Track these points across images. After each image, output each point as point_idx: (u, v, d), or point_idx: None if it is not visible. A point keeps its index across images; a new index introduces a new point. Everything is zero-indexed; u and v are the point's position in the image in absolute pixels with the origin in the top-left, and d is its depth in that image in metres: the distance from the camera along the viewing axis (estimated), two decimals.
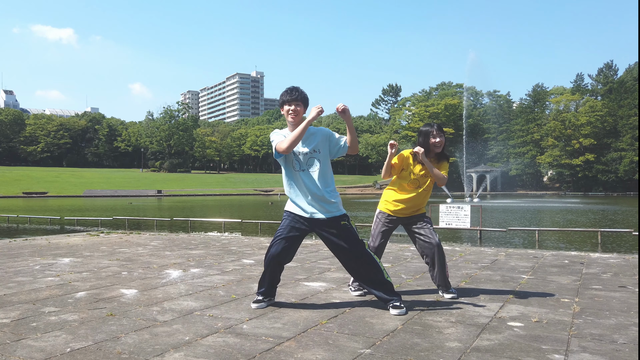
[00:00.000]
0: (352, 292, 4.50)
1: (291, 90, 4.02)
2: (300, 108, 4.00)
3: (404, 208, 4.36)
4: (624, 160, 73.68)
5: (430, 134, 4.27)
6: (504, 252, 7.62)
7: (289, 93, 4.01)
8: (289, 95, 4.00)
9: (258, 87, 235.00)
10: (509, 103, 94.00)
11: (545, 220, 21.08)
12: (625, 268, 6.03)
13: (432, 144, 4.27)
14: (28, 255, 7.23)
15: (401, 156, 4.33)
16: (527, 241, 12.93)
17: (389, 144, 4.13)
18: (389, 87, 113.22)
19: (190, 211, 28.31)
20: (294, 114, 3.97)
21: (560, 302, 4.18)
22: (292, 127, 3.98)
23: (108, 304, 4.12)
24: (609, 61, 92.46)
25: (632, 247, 11.30)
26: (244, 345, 3.04)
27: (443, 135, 4.30)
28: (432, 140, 4.27)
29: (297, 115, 3.98)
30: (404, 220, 4.41)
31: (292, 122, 3.98)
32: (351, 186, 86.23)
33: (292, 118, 3.98)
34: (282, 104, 4.07)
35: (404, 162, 4.32)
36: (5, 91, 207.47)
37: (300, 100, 4.00)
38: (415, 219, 4.38)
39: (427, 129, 4.31)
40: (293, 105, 3.98)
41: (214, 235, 10.99)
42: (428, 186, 4.35)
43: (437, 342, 3.09)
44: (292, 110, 3.97)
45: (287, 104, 4.00)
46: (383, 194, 4.54)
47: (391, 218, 4.39)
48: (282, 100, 4.04)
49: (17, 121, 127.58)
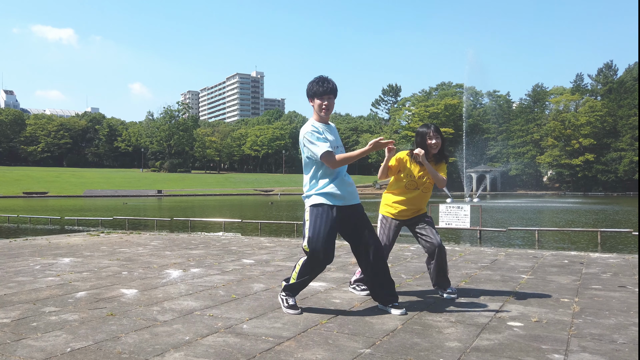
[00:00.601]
0: (357, 291, 4.51)
1: (323, 81, 3.68)
2: (333, 101, 3.74)
3: (404, 210, 4.35)
4: (624, 160, 73.70)
5: (427, 135, 4.26)
6: (504, 252, 7.62)
7: (320, 84, 3.67)
8: (321, 87, 3.66)
9: (258, 87, 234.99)
10: (508, 103, 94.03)
11: (545, 220, 21.08)
12: (625, 268, 6.04)
13: (428, 145, 4.26)
14: (28, 255, 7.23)
15: (398, 158, 4.31)
16: (527, 241, 12.93)
17: (387, 148, 3.96)
18: (389, 87, 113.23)
19: (191, 211, 28.31)
20: (326, 109, 3.70)
21: (560, 302, 4.18)
22: (322, 120, 3.76)
23: (108, 304, 4.12)
24: (609, 61, 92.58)
25: (632, 247, 11.30)
26: (244, 345, 3.05)
27: (440, 136, 4.29)
28: (429, 142, 4.26)
29: (329, 110, 3.72)
30: (406, 222, 4.41)
31: (323, 116, 3.74)
32: None
33: (325, 113, 3.71)
34: (312, 96, 3.72)
35: (400, 164, 4.30)
36: (6, 91, 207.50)
37: (332, 93, 3.71)
38: (417, 219, 4.39)
39: (424, 130, 4.29)
40: (326, 99, 3.69)
41: (214, 235, 10.99)
42: (427, 187, 4.34)
43: (437, 342, 3.09)
44: (326, 106, 3.70)
45: (318, 97, 3.69)
46: (383, 198, 4.53)
47: (394, 222, 4.39)
48: (314, 92, 3.69)
49: (17, 121, 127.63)
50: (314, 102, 3.74)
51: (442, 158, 4.36)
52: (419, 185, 4.30)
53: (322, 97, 3.69)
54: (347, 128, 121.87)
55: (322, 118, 3.76)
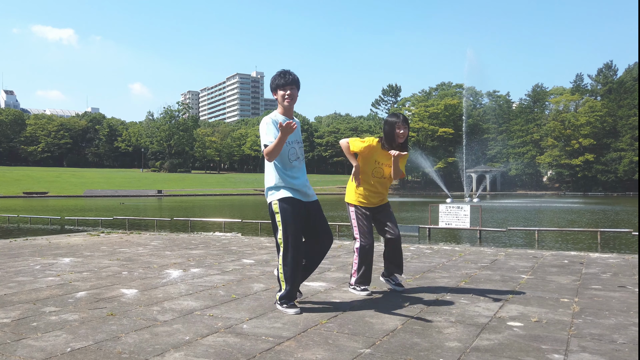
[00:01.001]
0: (357, 291, 4.52)
1: (285, 74, 3.87)
2: (295, 92, 3.89)
3: (373, 197, 4.46)
4: (624, 160, 73.71)
5: (396, 124, 4.37)
6: (504, 252, 7.62)
7: (282, 77, 3.86)
8: (283, 79, 3.85)
9: (258, 87, 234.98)
10: (508, 103, 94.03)
11: (545, 220, 21.08)
12: (624, 268, 6.04)
13: (396, 134, 4.37)
14: (28, 255, 7.23)
15: (370, 145, 4.37)
16: (526, 241, 12.93)
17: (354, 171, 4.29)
18: (389, 87, 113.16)
19: (191, 211, 28.31)
20: (289, 98, 3.86)
21: (559, 302, 4.18)
22: (286, 111, 3.91)
23: (108, 304, 4.12)
24: (609, 61, 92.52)
25: (632, 247, 11.31)
26: (244, 345, 3.05)
27: (407, 127, 4.42)
28: (397, 131, 4.36)
29: (292, 100, 3.88)
30: (373, 210, 4.51)
31: (287, 107, 3.89)
32: None
33: (288, 103, 3.87)
34: (275, 89, 3.90)
35: (372, 150, 4.38)
36: (6, 91, 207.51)
37: (294, 84, 3.87)
38: (381, 208, 4.53)
39: (393, 119, 4.40)
40: (288, 89, 3.86)
41: (214, 235, 10.99)
42: (389, 175, 4.48)
43: (437, 342, 3.09)
44: (289, 95, 3.86)
45: (281, 88, 3.86)
46: (349, 187, 4.56)
47: (365, 210, 4.46)
48: (276, 84, 3.88)
49: (17, 121, 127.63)
50: (277, 94, 3.91)
51: (404, 148, 4.46)
52: (385, 173, 4.45)
53: (284, 87, 3.85)
54: (347, 128, 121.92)
55: (286, 110, 3.92)
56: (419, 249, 8.02)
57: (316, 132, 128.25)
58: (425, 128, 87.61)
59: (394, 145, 4.38)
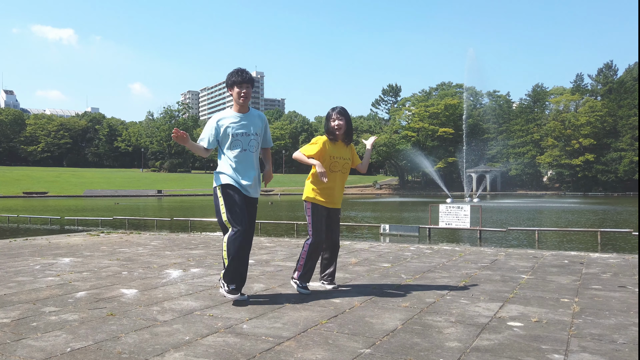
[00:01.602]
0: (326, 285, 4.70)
1: (241, 72, 4.00)
2: (250, 90, 4.03)
3: (331, 195, 4.48)
4: (624, 160, 73.68)
5: (331, 117, 4.45)
6: (504, 252, 7.62)
7: (240, 74, 3.98)
8: (240, 77, 3.97)
9: (258, 87, 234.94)
10: (508, 103, 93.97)
11: (545, 220, 21.08)
12: (625, 268, 6.04)
13: (332, 127, 4.43)
14: (28, 255, 7.23)
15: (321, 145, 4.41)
16: (527, 241, 12.93)
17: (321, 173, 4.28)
18: (389, 87, 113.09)
19: (191, 211, 28.31)
20: (244, 96, 4.00)
21: (560, 302, 4.18)
22: (241, 108, 4.07)
23: (108, 304, 4.12)
24: (609, 61, 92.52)
25: (632, 247, 11.30)
26: (244, 345, 3.05)
27: (344, 118, 4.44)
28: (332, 124, 4.42)
29: (247, 98, 4.02)
30: (329, 211, 4.53)
31: (242, 104, 4.03)
32: (351, 186, 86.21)
33: (243, 100, 4.01)
34: (232, 85, 4.01)
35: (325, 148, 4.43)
36: (6, 91, 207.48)
37: (250, 82, 4.00)
38: (334, 212, 4.57)
39: (329, 112, 4.49)
40: (244, 87, 3.98)
41: (214, 235, 10.99)
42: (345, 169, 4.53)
43: (437, 342, 3.09)
44: (244, 93, 3.99)
45: (238, 85, 3.99)
46: (308, 185, 4.57)
47: (321, 208, 4.48)
48: (232, 81, 3.99)
49: (17, 121, 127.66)
50: (233, 90, 4.04)
51: (349, 140, 4.53)
52: (340, 166, 4.48)
53: (241, 85, 3.99)
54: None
55: (241, 107, 4.08)
56: (419, 249, 8.02)
57: (316, 132, 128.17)
58: (426, 128, 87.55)
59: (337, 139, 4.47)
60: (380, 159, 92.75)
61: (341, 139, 4.53)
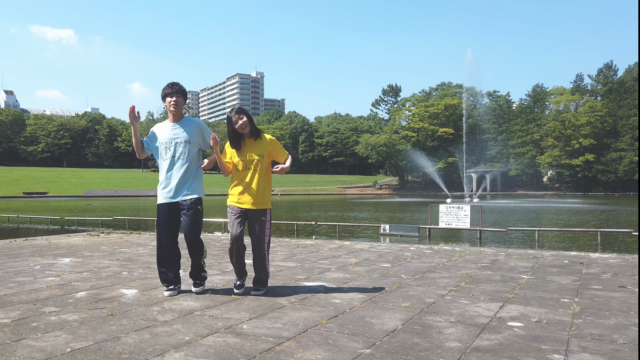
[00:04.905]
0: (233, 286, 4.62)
1: (172, 85, 4.45)
2: (180, 99, 4.45)
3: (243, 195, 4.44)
4: (624, 160, 73.68)
5: (231, 120, 4.41)
6: (504, 252, 7.62)
7: (170, 87, 4.44)
8: (170, 89, 4.43)
9: (258, 87, 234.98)
10: (508, 103, 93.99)
11: (545, 220, 21.08)
12: (625, 268, 6.04)
13: (237, 127, 4.38)
14: (28, 255, 7.23)
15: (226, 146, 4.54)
16: (527, 241, 12.93)
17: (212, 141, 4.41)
18: (389, 87, 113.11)
19: None
20: (175, 104, 4.42)
21: (560, 302, 4.18)
22: (174, 117, 4.48)
23: (108, 304, 4.12)
24: (609, 61, 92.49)
25: (632, 247, 11.30)
26: (244, 345, 3.05)
27: (244, 115, 4.42)
28: (236, 125, 4.38)
29: (177, 106, 4.44)
30: (247, 212, 4.47)
31: (173, 112, 4.45)
32: (351, 186, 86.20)
33: (174, 108, 4.43)
34: (164, 97, 4.46)
35: (228, 151, 4.50)
36: (6, 91, 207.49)
37: (180, 93, 4.45)
38: (256, 213, 4.47)
39: (228, 116, 4.47)
40: (174, 97, 4.42)
41: (214, 235, 10.98)
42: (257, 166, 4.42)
43: (437, 342, 3.09)
44: (174, 102, 4.42)
45: (168, 96, 4.43)
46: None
47: (236, 208, 4.47)
48: (164, 93, 4.45)
49: (17, 121, 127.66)
50: (165, 101, 4.47)
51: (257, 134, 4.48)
52: (248, 163, 4.43)
53: (171, 95, 4.43)
54: (347, 128, 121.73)
55: (173, 115, 4.50)
56: (419, 249, 8.02)
57: (316, 132, 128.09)
58: (426, 128, 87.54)
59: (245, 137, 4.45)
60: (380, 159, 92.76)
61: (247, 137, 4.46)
